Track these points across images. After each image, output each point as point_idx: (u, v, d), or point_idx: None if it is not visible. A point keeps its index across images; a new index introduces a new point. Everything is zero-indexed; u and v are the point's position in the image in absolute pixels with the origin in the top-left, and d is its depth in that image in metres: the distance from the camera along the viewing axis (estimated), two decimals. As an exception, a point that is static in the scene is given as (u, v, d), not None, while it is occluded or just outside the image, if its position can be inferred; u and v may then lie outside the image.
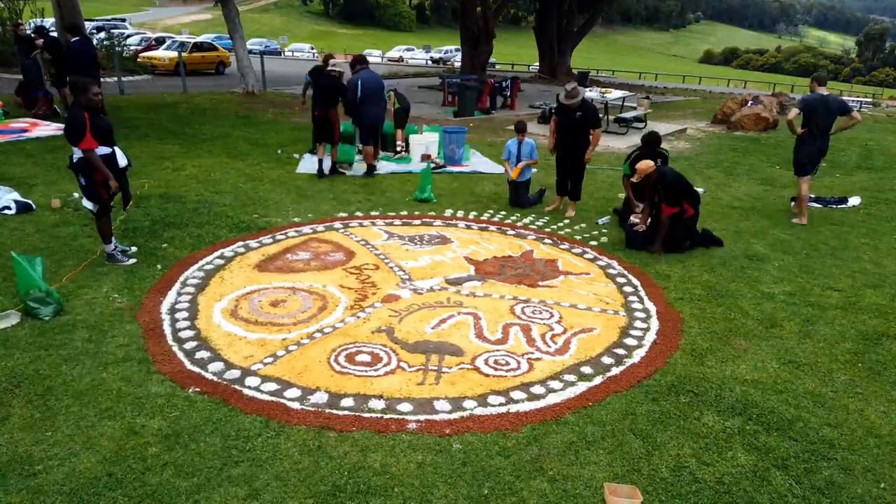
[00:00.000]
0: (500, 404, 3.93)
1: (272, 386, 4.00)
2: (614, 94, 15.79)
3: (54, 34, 13.60)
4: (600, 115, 15.41)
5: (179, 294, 5.28)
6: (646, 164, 6.55)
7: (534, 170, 8.69)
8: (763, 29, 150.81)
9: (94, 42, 23.50)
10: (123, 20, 43.95)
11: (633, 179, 6.67)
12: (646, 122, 15.74)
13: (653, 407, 3.98)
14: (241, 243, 6.47)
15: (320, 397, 3.90)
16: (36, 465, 3.20)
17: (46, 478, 3.12)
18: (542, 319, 5.12)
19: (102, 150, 5.45)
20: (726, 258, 6.67)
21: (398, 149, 10.89)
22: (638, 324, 5.16)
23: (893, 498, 3.28)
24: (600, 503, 3.13)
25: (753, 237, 7.46)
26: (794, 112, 7.80)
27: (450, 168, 10.34)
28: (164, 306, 5.04)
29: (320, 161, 9.37)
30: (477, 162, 10.98)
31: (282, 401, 3.85)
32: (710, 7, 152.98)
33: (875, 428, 3.87)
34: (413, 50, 52.33)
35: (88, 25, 24.07)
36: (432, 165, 10.12)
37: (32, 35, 13.09)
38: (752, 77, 54.74)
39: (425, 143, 10.90)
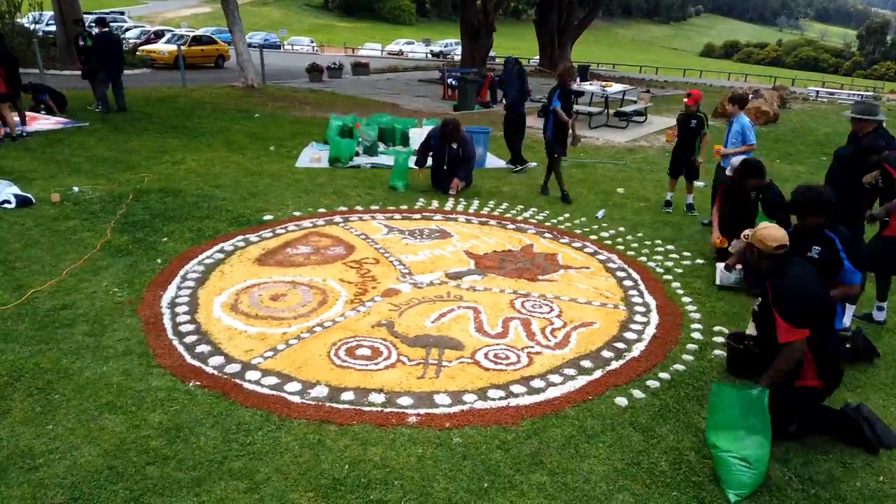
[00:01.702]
0: (500, 398, 3.93)
1: (272, 380, 4.01)
2: (615, 88, 15.78)
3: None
4: (602, 110, 15.39)
5: (179, 288, 5.28)
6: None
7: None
8: (764, 22, 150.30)
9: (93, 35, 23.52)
10: (122, 13, 43.81)
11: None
12: (646, 116, 15.73)
13: (652, 400, 3.99)
14: (241, 237, 6.47)
15: (320, 391, 3.91)
16: (37, 459, 3.21)
17: (48, 471, 3.13)
18: (541, 313, 5.13)
19: None
20: (726, 252, 6.66)
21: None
22: (638, 318, 5.17)
23: (892, 491, 3.29)
24: (601, 496, 3.14)
25: (753, 231, 7.44)
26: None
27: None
28: (165, 300, 5.04)
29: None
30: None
31: (282, 395, 3.86)
32: (710, 0, 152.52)
33: (874, 421, 3.87)
34: (413, 43, 52.19)
35: (87, 18, 24.01)
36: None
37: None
38: (753, 71, 54.64)
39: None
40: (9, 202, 6.87)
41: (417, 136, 10.86)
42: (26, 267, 5.47)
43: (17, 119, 10.29)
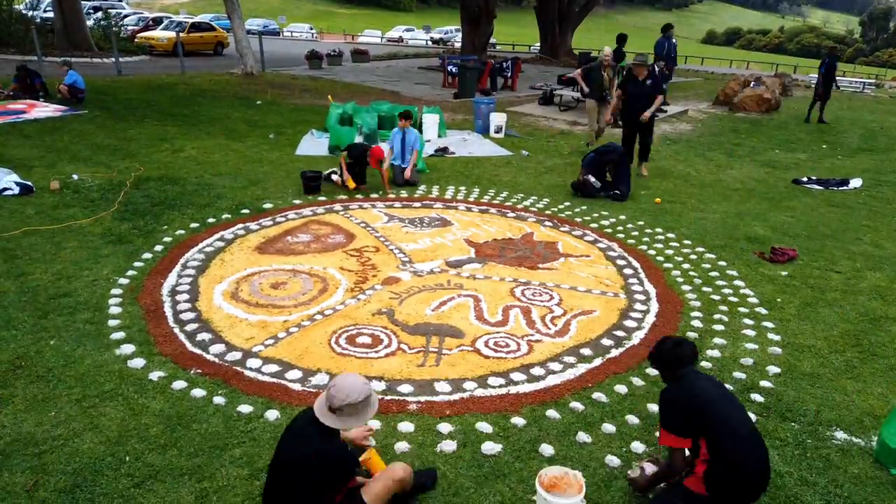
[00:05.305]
0: (500, 386, 3.95)
1: (273, 367, 4.02)
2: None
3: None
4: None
5: (180, 276, 5.28)
6: None
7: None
8: (766, 9, 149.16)
9: (91, 22, 23.35)
10: (120, 0, 43.42)
11: None
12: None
13: (652, 388, 4.00)
14: (241, 225, 6.46)
15: (321, 379, 3.92)
16: (40, 446, 3.23)
17: (50, 457, 3.15)
18: (541, 302, 5.13)
19: None
20: (727, 241, 6.66)
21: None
22: (638, 306, 5.17)
23: (889, 478, 3.31)
24: (599, 483, 3.16)
25: (754, 219, 7.45)
26: None
27: (453, 151, 10.29)
28: (165, 288, 5.05)
29: None
30: (478, 147, 10.95)
31: (283, 382, 3.87)
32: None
33: (873, 409, 3.89)
34: (413, 30, 51.82)
35: (85, 5, 23.83)
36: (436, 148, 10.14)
37: None
38: (755, 58, 54.25)
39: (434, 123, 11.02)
40: (10, 189, 6.86)
41: (431, 122, 10.95)
42: (27, 255, 5.47)
43: None
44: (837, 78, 17.42)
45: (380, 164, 7.83)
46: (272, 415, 3.55)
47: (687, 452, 2.91)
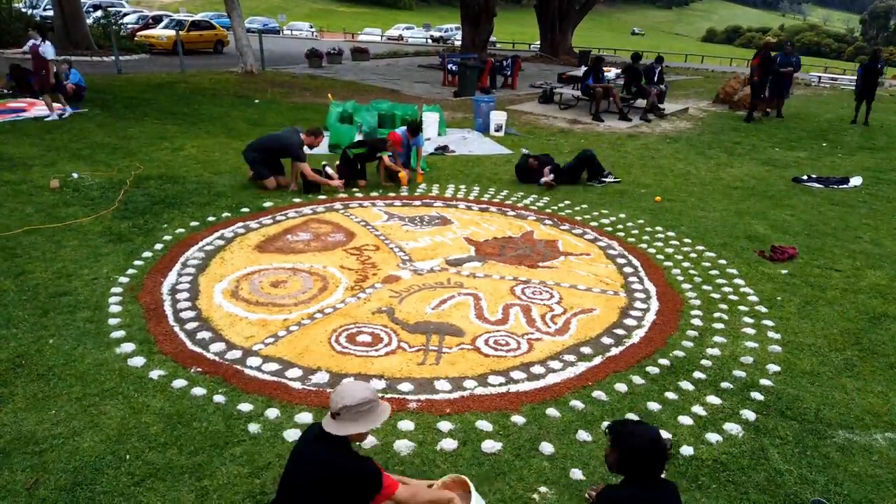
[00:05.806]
0: (500, 384, 3.95)
1: (273, 366, 4.03)
2: (614, 73, 15.65)
3: None
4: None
5: (180, 275, 5.28)
6: None
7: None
8: (766, 6, 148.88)
9: (91, 21, 23.34)
10: (120, -2, 43.36)
11: None
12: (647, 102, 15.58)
13: (652, 387, 4.00)
14: (240, 224, 6.46)
15: (321, 377, 3.93)
16: (40, 444, 3.23)
17: (50, 456, 3.15)
18: (542, 300, 5.13)
19: None
20: (727, 239, 6.66)
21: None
22: (638, 304, 5.17)
23: (890, 475, 3.31)
24: (599, 482, 3.16)
25: (754, 218, 7.45)
26: None
27: (453, 149, 10.29)
28: (165, 287, 5.05)
29: None
30: (477, 145, 10.95)
31: (283, 381, 3.87)
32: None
33: (873, 407, 3.89)
34: (413, 28, 51.78)
35: (85, 3, 23.81)
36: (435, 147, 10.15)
37: None
38: (755, 56, 54.26)
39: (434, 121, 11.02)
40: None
41: (431, 120, 10.91)
42: (27, 254, 5.47)
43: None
44: (838, 77, 17.28)
45: (399, 148, 8.13)
46: (272, 413, 3.55)
47: None
